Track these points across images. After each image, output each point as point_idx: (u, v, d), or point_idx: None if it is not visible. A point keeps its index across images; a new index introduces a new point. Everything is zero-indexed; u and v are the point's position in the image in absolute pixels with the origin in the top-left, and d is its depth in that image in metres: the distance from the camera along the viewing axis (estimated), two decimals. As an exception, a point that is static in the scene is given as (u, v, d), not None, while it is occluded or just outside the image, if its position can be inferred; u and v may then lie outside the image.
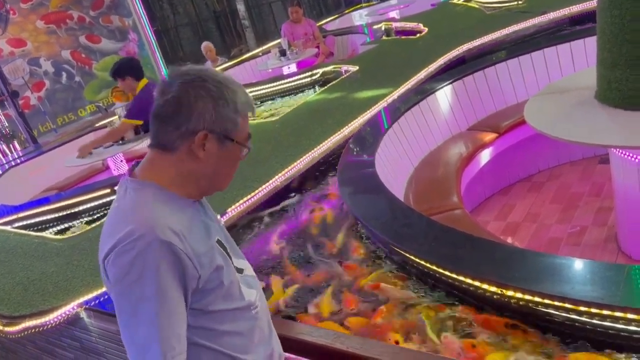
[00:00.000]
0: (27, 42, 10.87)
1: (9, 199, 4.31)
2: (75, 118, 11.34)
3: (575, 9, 4.48)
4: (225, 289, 1.22)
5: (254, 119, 4.47)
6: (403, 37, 5.64)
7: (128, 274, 1.09)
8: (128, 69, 4.40)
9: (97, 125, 6.13)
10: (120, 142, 4.57)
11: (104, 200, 3.49)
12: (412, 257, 1.94)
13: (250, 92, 5.15)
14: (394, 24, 6.24)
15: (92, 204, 3.53)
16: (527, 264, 1.73)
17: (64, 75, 11.36)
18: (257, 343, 1.32)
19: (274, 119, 4.15)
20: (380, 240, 2.17)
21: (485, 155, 3.46)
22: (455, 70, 3.97)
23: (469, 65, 3.95)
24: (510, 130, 3.54)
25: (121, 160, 4.74)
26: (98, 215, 3.44)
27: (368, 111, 3.61)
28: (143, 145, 4.84)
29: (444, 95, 3.67)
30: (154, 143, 1.23)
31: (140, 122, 4.41)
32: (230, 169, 1.26)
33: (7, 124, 8.75)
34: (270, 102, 5.11)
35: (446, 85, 3.68)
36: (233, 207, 2.77)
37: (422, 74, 4.11)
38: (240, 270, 1.33)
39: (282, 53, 6.12)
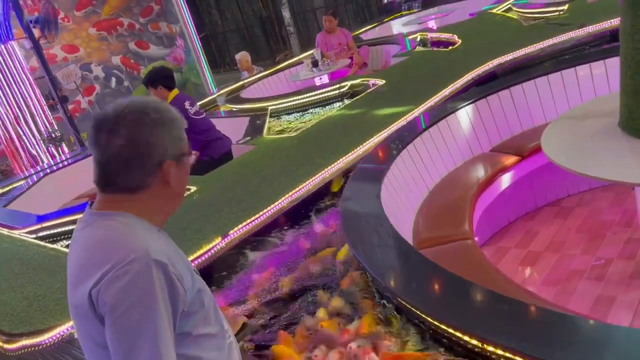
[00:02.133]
0: (80, 48, 11.33)
1: (41, 206, 4.46)
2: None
3: (616, 22, 4.22)
4: (206, 311, 1.24)
5: (276, 134, 4.46)
6: (435, 48, 5.49)
7: (127, 297, 1.07)
8: (160, 78, 4.46)
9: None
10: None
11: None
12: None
13: (280, 104, 5.15)
14: (430, 35, 6.10)
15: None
16: (532, 324, 1.56)
17: (114, 80, 11.77)
18: None
19: (295, 133, 4.12)
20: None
21: (506, 179, 3.30)
22: (480, 88, 3.82)
23: (496, 83, 3.78)
24: (536, 152, 3.35)
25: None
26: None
27: (385, 130, 3.53)
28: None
29: (466, 114, 3.52)
30: (115, 188, 1.20)
31: None
32: (184, 184, 1.29)
33: (56, 127, 9.12)
34: (299, 114, 5.08)
35: (469, 104, 3.54)
36: (236, 228, 2.75)
37: (448, 91, 3.98)
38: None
39: (314, 64, 6.09)
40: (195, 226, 2.89)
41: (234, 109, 5.67)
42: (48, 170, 5.71)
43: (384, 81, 4.72)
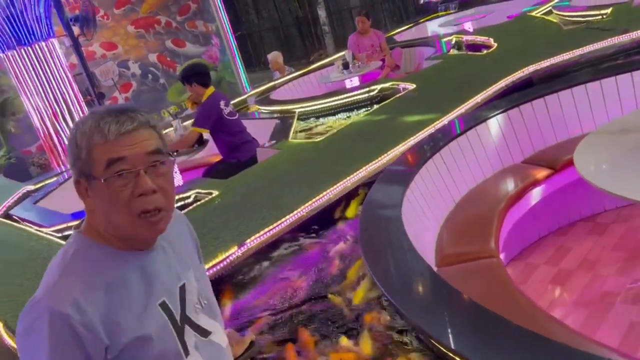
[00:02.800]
0: (118, 45, 11.55)
1: (71, 204, 4.51)
2: (158, 118, 11.88)
3: (664, 27, 4.00)
4: (153, 359, 1.10)
5: (302, 138, 4.41)
6: (469, 52, 5.33)
7: (22, 338, 1.04)
8: (195, 74, 4.46)
9: (165, 132, 6.31)
10: (175, 153, 4.67)
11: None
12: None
13: (307, 107, 5.09)
14: (465, 37, 5.93)
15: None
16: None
17: (150, 77, 11.94)
18: None
19: (320, 138, 4.05)
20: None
21: (537, 193, 3.15)
22: (513, 96, 3.66)
23: (530, 91, 3.62)
24: (571, 165, 3.17)
25: (175, 171, 4.84)
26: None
27: (412, 138, 3.41)
28: (198, 156, 4.93)
29: (497, 123, 3.38)
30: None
31: (206, 131, 4.46)
32: (116, 208, 1.06)
33: (92, 124, 9.28)
34: (327, 117, 5.00)
35: (501, 112, 3.39)
36: (253, 237, 2.70)
37: (479, 98, 3.83)
38: (205, 333, 1.21)
39: (345, 66, 6.00)
40: (213, 233, 2.85)
41: (262, 111, 5.64)
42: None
43: (414, 85, 4.60)
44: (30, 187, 5.05)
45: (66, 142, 1.06)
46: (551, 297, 2.93)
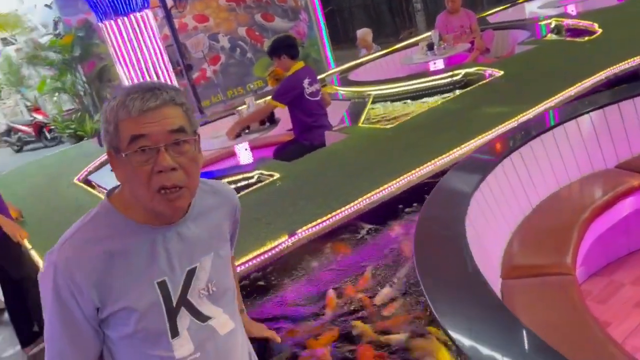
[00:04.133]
0: (210, 18, 11.76)
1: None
2: (244, 92, 12.04)
3: None
4: (140, 333, 1.14)
5: (374, 123, 4.21)
6: (568, 38, 4.83)
7: (39, 281, 1.13)
8: (283, 47, 4.35)
9: (238, 108, 6.34)
10: (247, 130, 4.63)
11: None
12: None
13: (384, 89, 4.86)
14: (566, 21, 5.40)
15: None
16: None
17: (238, 51, 12.10)
18: None
19: (392, 125, 3.83)
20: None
21: (630, 203, 2.77)
22: (613, 90, 3.24)
23: (633, 86, 3.18)
24: (675, 174, 2.78)
25: (246, 149, 4.81)
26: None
27: (491, 131, 3.12)
28: (270, 133, 4.86)
29: (590, 121, 3.00)
30: None
31: (283, 106, 4.36)
32: (137, 183, 1.10)
33: (180, 95, 9.58)
34: (404, 102, 4.75)
35: (596, 109, 3.00)
36: (305, 227, 2.57)
37: (573, 90, 3.44)
38: (203, 318, 1.21)
39: (430, 47, 5.66)
40: (267, 219, 2.77)
41: (339, 91, 5.48)
42: None
43: (501, 72, 4.24)
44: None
45: None
46: (634, 324, 2.58)
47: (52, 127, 12.00)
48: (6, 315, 3.83)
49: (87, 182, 4.57)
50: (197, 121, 1.16)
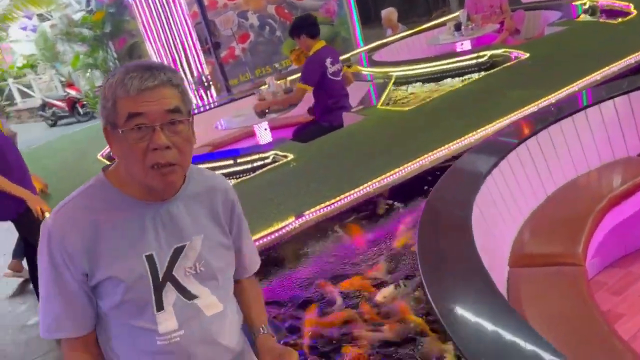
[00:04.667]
0: (240, -5, 11.71)
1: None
2: (272, 71, 12.02)
3: None
4: (126, 304, 1.18)
5: (395, 105, 4.15)
6: (602, 19, 4.64)
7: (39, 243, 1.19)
8: (303, 26, 4.31)
9: (261, 87, 6.33)
10: (267, 110, 4.63)
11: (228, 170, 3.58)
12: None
13: (407, 70, 4.79)
14: (601, 1, 5.19)
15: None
16: None
17: (267, 29, 12.04)
18: None
19: (410, 107, 3.77)
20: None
21: (651, 194, 2.67)
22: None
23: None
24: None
25: (265, 129, 4.82)
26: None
27: (510, 115, 3.05)
28: (289, 114, 4.86)
29: (614, 107, 2.89)
30: None
31: (310, 88, 4.33)
32: (132, 159, 1.13)
33: (207, 72, 9.62)
34: (428, 83, 4.67)
35: (620, 94, 2.89)
36: (314, 209, 2.57)
37: (599, 75, 3.32)
38: (189, 296, 1.23)
39: (457, 27, 5.54)
40: (278, 200, 2.78)
41: (363, 71, 5.41)
42: (196, 111, 5.89)
43: (527, 54, 4.11)
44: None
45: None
46: (649, 318, 2.51)
47: (85, 102, 12.25)
48: (31, 285, 3.98)
49: (110, 158, 4.66)
50: (191, 103, 1.20)
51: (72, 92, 12.64)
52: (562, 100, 3.09)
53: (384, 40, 6.42)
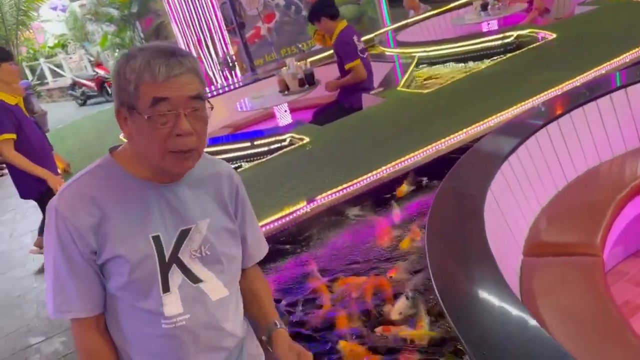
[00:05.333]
0: (265, -26, 11.61)
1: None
2: (297, 51, 11.93)
3: None
4: (133, 284, 1.18)
5: (417, 87, 4.07)
6: (636, -2, 4.44)
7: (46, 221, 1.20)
8: (321, 9, 4.29)
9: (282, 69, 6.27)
10: (286, 92, 4.61)
11: (246, 152, 3.57)
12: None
13: (430, 51, 4.68)
14: (637, -22, 4.94)
15: (234, 155, 3.63)
16: None
17: (293, 8, 11.92)
18: (155, 353, 1.24)
19: (430, 89, 3.69)
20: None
21: (677, 182, 2.56)
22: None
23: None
24: None
25: (285, 111, 4.80)
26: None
27: (532, 99, 2.95)
28: (309, 95, 4.82)
29: (641, 91, 2.77)
30: None
31: (358, 62, 4.26)
32: (152, 142, 1.13)
33: (232, 52, 9.61)
34: (454, 64, 4.56)
35: (649, 78, 2.77)
36: (325, 194, 2.55)
37: (628, 57, 3.18)
38: (194, 279, 1.24)
39: (484, 7, 5.38)
40: (290, 183, 2.76)
41: (386, 52, 5.32)
42: (220, 91, 5.87)
43: (554, 35, 3.97)
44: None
45: (115, 73, 1.16)
46: (670, 311, 2.43)
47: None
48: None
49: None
50: (205, 85, 1.21)
51: (101, 72, 12.81)
52: (587, 83, 2.97)
53: (408, 20, 6.29)
